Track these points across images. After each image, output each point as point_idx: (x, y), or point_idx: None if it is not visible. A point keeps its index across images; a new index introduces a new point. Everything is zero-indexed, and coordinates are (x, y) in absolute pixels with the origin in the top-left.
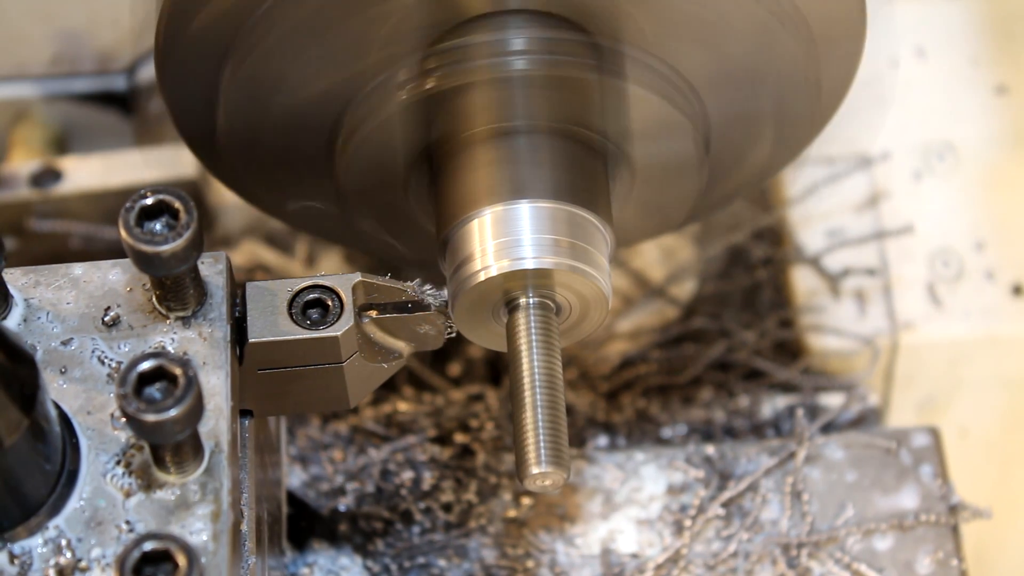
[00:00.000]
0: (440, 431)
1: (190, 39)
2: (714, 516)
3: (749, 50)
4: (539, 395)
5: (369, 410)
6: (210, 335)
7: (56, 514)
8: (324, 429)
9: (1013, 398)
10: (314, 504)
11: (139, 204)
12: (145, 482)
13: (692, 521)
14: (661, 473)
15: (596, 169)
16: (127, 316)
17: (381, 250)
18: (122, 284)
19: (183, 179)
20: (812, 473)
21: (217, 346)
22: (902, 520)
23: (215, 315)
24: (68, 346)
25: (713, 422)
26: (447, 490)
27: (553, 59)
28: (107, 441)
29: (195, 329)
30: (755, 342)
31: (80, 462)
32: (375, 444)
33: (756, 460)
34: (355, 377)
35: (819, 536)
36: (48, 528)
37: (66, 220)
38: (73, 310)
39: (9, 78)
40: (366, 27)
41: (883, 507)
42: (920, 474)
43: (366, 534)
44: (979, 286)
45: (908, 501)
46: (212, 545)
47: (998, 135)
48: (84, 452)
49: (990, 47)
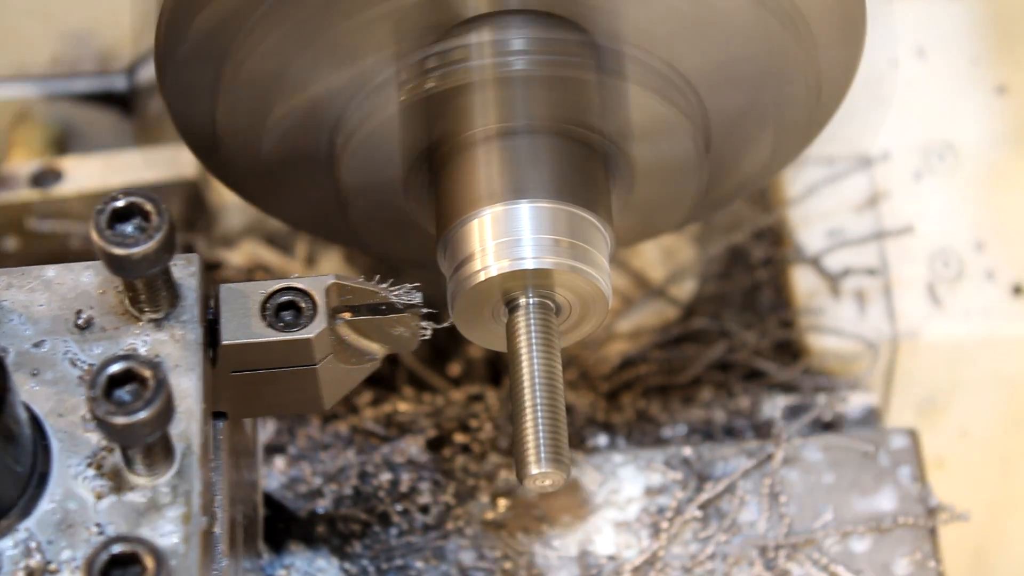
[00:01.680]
0: (440, 431)
1: (190, 39)
2: (691, 518)
3: (749, 50)
4: (539, 395)
5: (369, 410)
6: (182, 337)
7: (26, 516)
8: (324, 429)
9: (1013, 398)
10: (291, 506)
11: (110, 207)
12: (116, 484)
13: (669, 523)
14: (639, 475)
15: (596, 169)
16: (99, 318)
17: (381, 250)
18: (95, 286)
19: (183, 179)
20: (790, 475)
21: (189, 348)
22: (880, 522)
23: (187, 317)
24: (40, 348)
25: (713, 422)
26: (425, 492)
27: (553, 59)
28: (78, 443)
29: (167, 331)
30: (755, 343)
31: (51, 464)
32: (374, 444)
33: (734, 462)
34: (329, 379)
35: (797, 538)
36: (18, 530)
37: (66, 220)
38: (45, 312)
39: (9, 78)
40: (366, 27)
41: (861, 509)
42: (898, 476)
43: (343, 536)
44: (979, 286)
45: (886, 503)
46: (183, 547)
47: (998, 135)
48: (55, 454)
49: (990, 47)
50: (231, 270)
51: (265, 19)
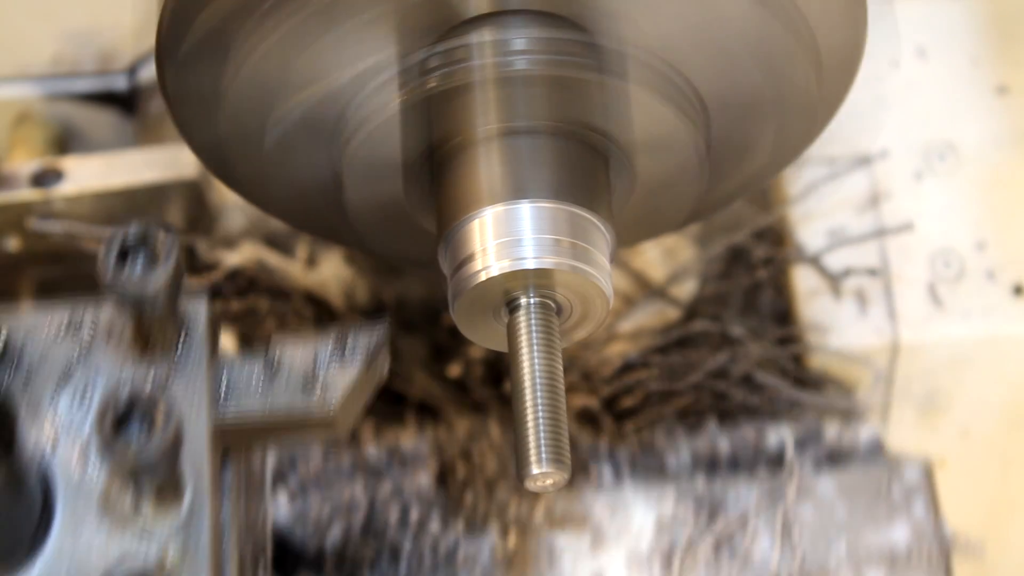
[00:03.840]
0: (442, 464)
1: (191, 39)
2: (704, 551)
3: (750, 50)
4: (540, 395)
5: (371, 443)
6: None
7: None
8: (326, 460)
9: (1013, 398)
10: (300, 540)
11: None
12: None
13: (681, 557)
14: (650, 507)
15: (597, 169)
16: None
17: (381, 250)
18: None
19: (184, 179)
20: (803, 508)
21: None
22: (894, 555)
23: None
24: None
25: (717, 451)
26: (435, 525)
27: (554, 59)
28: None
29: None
30: (756, 350)
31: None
32: (374, 479)
33: (746, 494)
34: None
35: (810, 571)
36: None
37: (66, 220)
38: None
39: (10, 78)
40: (366, 27)
41: (874, 542)
42: (912, 508)
43: (352, 570)
44: (980, 286)
45: (900, 535)
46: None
47: (999, 135)
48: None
49: (991, 47)
50: (231, 270)
51: (266, 19)
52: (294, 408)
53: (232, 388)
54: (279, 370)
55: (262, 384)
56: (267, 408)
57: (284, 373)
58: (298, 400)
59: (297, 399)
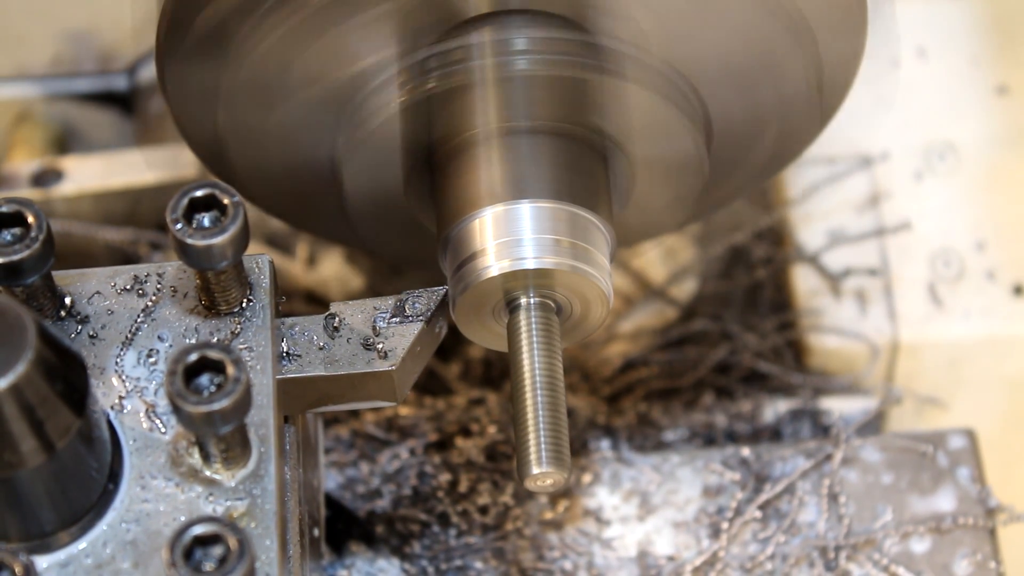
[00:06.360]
0: (441, 435)
1: (191, 39)
2: (751, 518)
3: (750, 50)
4: (540, 395)
5: (369, 414)
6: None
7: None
8: (326, 433)
9: (1013, 398)
10: (351, 506)
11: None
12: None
13: (729, 523)
14: (697, 475)
15: (597, 169)
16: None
17: (382, 250)
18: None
19: (184, 179)
20: (849, 475)
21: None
22: (939, 523)
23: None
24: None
25: (715, 426)
26: (483, 492)
27: (553, 59)
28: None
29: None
30: (756, 344)
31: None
32: (376, 449)
33: (792, 462)
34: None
35: (856, 538)
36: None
37: (66, 220)
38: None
39: (10, 78)
40: (366, 27)
41: (920, 509)
42: (957, 476)
43: (403, 536)
44: (980, 286)
45: (945, 503)
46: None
47: (999, 135)
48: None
49: (991, 47)
50: None
51: (266, 19)
52: (355, 366)
53: (294, 347)
54: (340, 330)
55: (324, 344)
56: (329, 367)
57: (345, 333)
58: (360, 358)
59: (359, 357)
